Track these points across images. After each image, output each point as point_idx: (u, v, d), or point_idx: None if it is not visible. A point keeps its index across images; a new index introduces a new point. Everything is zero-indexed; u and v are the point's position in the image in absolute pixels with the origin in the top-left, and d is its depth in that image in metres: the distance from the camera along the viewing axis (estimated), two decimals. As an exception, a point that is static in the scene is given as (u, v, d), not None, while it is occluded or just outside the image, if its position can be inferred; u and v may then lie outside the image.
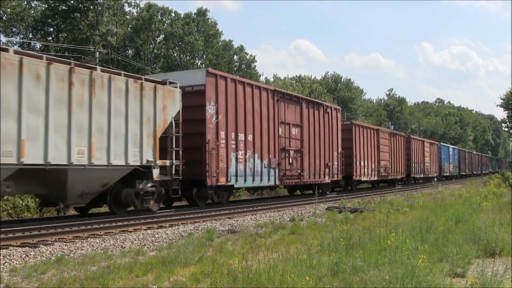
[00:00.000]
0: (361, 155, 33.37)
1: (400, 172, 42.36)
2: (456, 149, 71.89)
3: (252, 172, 21.24)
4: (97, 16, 41.32)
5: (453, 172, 66.56)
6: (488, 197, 21.15)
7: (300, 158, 25.22)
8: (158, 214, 16.61)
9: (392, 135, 40.94)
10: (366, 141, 34.36)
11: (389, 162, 38.95)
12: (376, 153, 36.34)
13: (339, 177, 29.65)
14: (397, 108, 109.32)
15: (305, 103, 26.31)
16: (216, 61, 50.74)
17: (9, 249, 10.44)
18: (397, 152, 41.52)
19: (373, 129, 36.81)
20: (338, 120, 30.03)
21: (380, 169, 36.76)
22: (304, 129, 25.84)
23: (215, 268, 7.81)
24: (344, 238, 9.57)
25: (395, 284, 6.38)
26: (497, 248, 9.26)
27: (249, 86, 21.67)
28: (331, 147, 28.70)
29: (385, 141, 38.57)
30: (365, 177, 34.18)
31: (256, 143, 21.57)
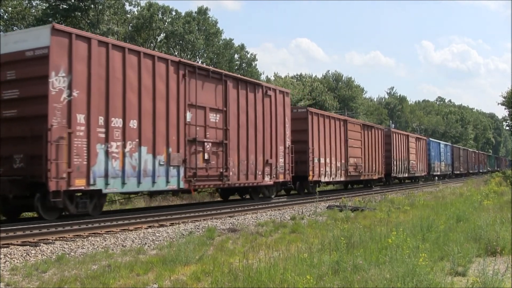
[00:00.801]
0: (321, 150, 27.47)
1: (378, 172, 36.36)
2: (448, 145, 66.33)
3: (137, 172, 15.49)
4: (98, 15, 41.28)
5: (445, 171, 61.22)
6: (489, 196, 21.14)
7: (224, 153, 19.38)
8: (158, 212, 16.60)
9: (366, 127, 34.69)
10: (328, 133, 28.48)
11: (361, 160, 33.02)
12: (344, 148, 30.49)
13: (286, 177, 23.74)
14: (398, 106, 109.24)
15: (233, 82, 20.31)
16: (217, 59, 50.68)
17: (9, 247, 10.44)
18: (373, 148, 35.54)
19: (339, 120, 30.51)
20: (286, 106, 23.99)
21: (348, 168, 30.98)
22: (231, 115, 19.96)
23: (216, 267, 7.81)
24: (345, 237, 9.56)
25: (396, 282, 6.38)
26: (498, 247, 9.27)
27: (133, 53, 15.71)
28: (274, 140, 22.81)
29: (356, 134, 32.49)
30: (326, 178, 28.31)
31: (145, 132, 15.83)
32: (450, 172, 63.67)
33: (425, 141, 52.12)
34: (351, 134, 31.63)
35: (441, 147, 59.20)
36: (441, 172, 58.10)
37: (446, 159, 61.44)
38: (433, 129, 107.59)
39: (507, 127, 60.58)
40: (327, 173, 28.42)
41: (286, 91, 24.82)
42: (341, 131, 30.35)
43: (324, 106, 62.52)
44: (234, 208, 18.91)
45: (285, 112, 24.00)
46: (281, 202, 22.19)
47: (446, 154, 61.98)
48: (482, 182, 43.97)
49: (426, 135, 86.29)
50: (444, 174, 60.55)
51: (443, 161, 59.49)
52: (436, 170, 55.63)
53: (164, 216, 15.88)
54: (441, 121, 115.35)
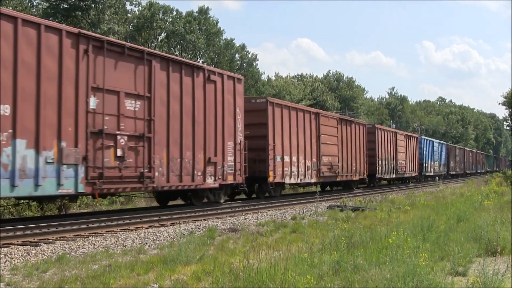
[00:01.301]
0: (286, 147, 23.81)
1: (359, 172, 32.51)
2: (443, 144, 62.07)
3: (9, 172, 11.87)
4: (99, 15, 41.30)
5: (439, 171, 56.79)
6: (489, 196, 21.14)
7: (146, 149, 15.67)
8: (159, 212, 16.59)
9: (343, 122, 30.80)
10: (295, 128, 24.81)
11: (338, 159, 29.20)
12: (316, 145, 26.83)
13: (237, 178, 20.04)
14: (398, 106, 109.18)
15: (161, 63, 16.56)
16: (217, 59, 50.69)
17: (10, 247, 10.45)
18: (353, 145, 31.63)
19: (309, 112, 26.63)
20: (237, 95, 20.26)
21: (321, 167, 27.15)
22: (158, 103, 16.25)
23: (217, 267, 7.81)
24: (345, 237, 9.57)
25: (397, 282, 6.38)
26: (498, 247, 9.27)
27: (7, 19, 12.11)
28: (220, 134, 19.13)
29: (331, 129, 28.76)
30: (292, 179, 24.41)
31: (23, 121, 12.26)
32: (445, 173, 60.28)
33: (416, 139, 48.20)
34: (325, 129, 27.73)
35: (435, 145, 55.35)
36: (434, 172, 54.40)
37: (440, 158, 57.73)
38: (433, 129, 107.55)
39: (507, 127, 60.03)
40: (294, 173, 24.46)
41: (237, 76, 20.81)
42: (312, 126, 26.40)
43: (325, 106, 62.54)
44: (235, 208, 18.92)
45: (236, 102, 20.10)
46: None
47: (441, 153, 58.35)
48: (482, 182, 43.94)
49: (427, 135, 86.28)
50: (438, 174, 56.43)
51: (436, 160, 55.60)
52: (428, 170, 51.90)
53: (165, 216, 15.89)
54: (442, 121, 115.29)
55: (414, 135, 48.38)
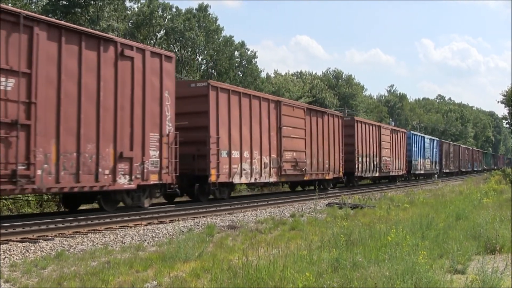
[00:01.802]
0: (234, 141, 20.09)
1: (333, 170, 28.81)
2: (436, 140, 57.94)
3: None
4: (98, 11, 41.24)
5: (431, 169, 52.90)
6: (488, 194, 21.15)
7: (22, 140, 12.12)
8: (158, 209, 16.58)
9: (313, 113, 26.77)
10: (248, 118, 21.06)
11: (305, 155, 25.45)
12: (276, 139, 22.96)
13: (165, 178, 16.42)
14: (397, 104, 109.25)
15: (49, 32, 12.93)
16: (217, 56, 50.67)
17: (9, 244, 10.44)
18: (327, 140, 27.88)
19: (267, 100, 22.72)
20: (165, 76, 16.44)
21: (283, 164, 23.39)
22: (40, 82, 12.64)
23: (216, 264, 7.81)
24: (344, 234, 9.57)
25: (396, 280, 6.38)
26: (498, 245, 9.27)
27: None
28: (139, 123, 15.46)
29: (297, 121, 24.82)
30: (244, 178, 20.68)
31: None
32: (437, 171, 56.18)
33: (404, 134, 43.93)
34: (288, 121, 24.00)
35: (426, 141, 51.22)
36: (425, 170, 50.61)
37: (432, 155, 53.79)
38: (433, 127, 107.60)
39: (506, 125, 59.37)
40: (246, 171, 20.69)
41: (166, 53, 16.95)
42: (271, 116, 22.64)
43: (324, 103, 62.53)
44: (234, 205, 18.92)
45: (163, 84, 16.39)
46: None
47: (433, 150, 54.35)
48: (481, 180, 43.96)
49: (426, 133, 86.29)
50: (430, 173, 53.06)
51: (428, 158, 51.49)
52: (418, 168, 47.90)
53: (164, 213, 15.88)
54: (441, 119, 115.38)
55: (401, 129, 44.26)
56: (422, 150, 49.10)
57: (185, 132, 18.01)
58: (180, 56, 48.45)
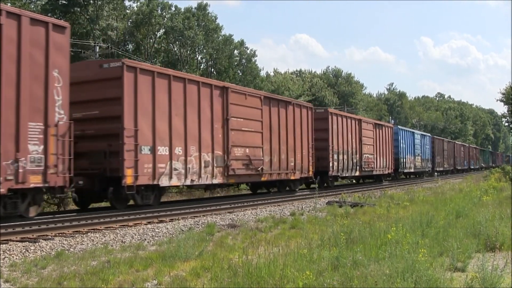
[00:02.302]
0: (162, 134, 16.69)
1: (301, 169, 25.20)
2: (427, 136, 53.92)
3: None
4: (97, 11, 41.23)
5: (421, 168, 49.25)
6: (488, 192, 21.15)
7: None
8: (158, 208, 16.58)
9: (273, 102, 23.28)
10: (181, 107, 17.61)
11: (261, 151, 21.96)
12: (222, 133, 19.57)
13: (53, 180, 13.11)
14: (397, 102, 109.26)
15: None
16: (216, 55, 50.66)
17: (9, 244, 10.44)
18: (292, 135, 24.36)
19: (209, 86, 19.17)
20: (54, 50, 13.29)
21: (230, 163, 19.85)
22: None
23: (216, 263, 7.81)
24: (344, 233, 9.56)
25: (396, 278, 6.37)
26: (497, 243, 9.28)
27: None
28: (11, 109, 12.28)
29: (250, 111, 21.37)
30: (176, 180, 17.29)
31: None
32: (429, 169, 53.17)
33: (391, 130, 39.89)
34: (239, 111, 20.55)
35: (416, 137, 47.36)
36: (415, 169, 46.77)
37: (423, 152, 50.02)
38: (432, 125, 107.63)
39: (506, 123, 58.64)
40: (178, 172, 17.25)
41: (54, 22, 13.75)
42: (214, 105, 19.20)
43: (324, 101, 62.54)
44: (234, 204, 18.92)
45: (50, 61, 13.12)
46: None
47: (424, 146, 50.55)
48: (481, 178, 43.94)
49: (426, 131, 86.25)
50: (421, 171, 49.80)
51: (418, 155, 47.79)
52: (407, 166, 43.90)
53: (164, 212, 15.88)
54: (441, 117, 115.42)
55: (387, 124, 40.45)
56: (411, 147, 45.41)
57: (96, 123, 15.85)
58: (179, 55, 48.44)
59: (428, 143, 52.34)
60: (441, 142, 60.11)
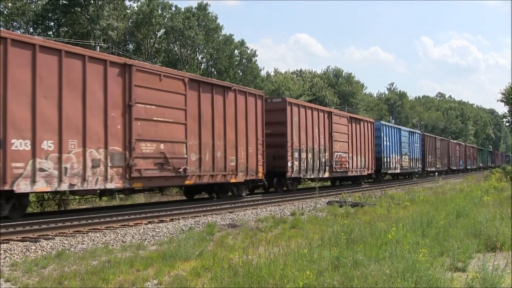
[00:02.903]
0: (12, 119, 12.29)
1: (247, 170, 20.84)
2: (417, 133, 48.52)
3: None
4: (98, 11, 41.22)
5: (410, 168, 44.34)
6: (489, 192, 21.15)
7: None
8: (158, 208, 16.58)
9: (204, 87, 18.77)
10: (45, 83, 13.20)
11: (185, 148, 17.60)
12: (121, 121, 15.24)
13: None
14: (398, 102, 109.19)
15: None
16: (217, 55, 50.66)
17: (9, 243, 10.45)
18: (231, 128, 20.02)
19: (100, 62, 14.82)
20: None
21: (134, 162, 15.42)
22: None
23: (216, 263, 7.82)
24: (345, 232, 9.56)
25: (396, 278, 6.38)
26: (498, 243, 9.28)
27: None
28: None
29: (163, 96, 16.83)
30: (50, 184, 13.07)
31: None
32: (419, 170, 48.64)
33: (371, 125, 35.05)
34: (148, 96, 16.19)
35: (403, 134, 42.46)
36: (402, 169, 42.03)
37: (412, 151, 45.25)
38: (433, 125, 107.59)
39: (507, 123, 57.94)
40: (48, 173, 13.01)
41: None
42: (109, 87, 14.85)
43: (324, 101, 62.52)
44: (234, 204, 18.92)
45: None
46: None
47: (413, 145, 45.70)
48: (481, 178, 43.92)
49: (427, 131, 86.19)
50: (409, 172, 45.27)
51: (406, 154, 42.98)
52: (392, 166, 39.11)
53: (164, 211, 15.89)
54: (441, 117, 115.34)
55: (367, 119, 35.79)
56: (397, 145, 40.57)
57: None
58: (180, 55, 48.45)
59: (417, 141, 47.89)
60: (433, 140, 55.20)
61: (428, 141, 52.50)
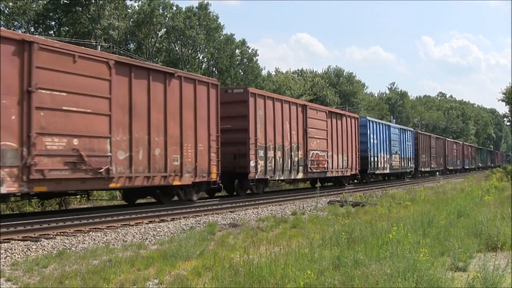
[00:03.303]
0: None
1: (195, 172, 17.92)
2: (409, 131, 45.16)
3: None
4: (99, 10, 41.23)
5: (400, 168, 41.13)
6: (490, 191, 21.13)
7: None
8: (160, 208, 16.59)
9: (137, 72, 15.87)
10: None
11: (106, 144, 14.63)
12: (16, 113, 12.11)
13: None
14: (399, 102, 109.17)
15: None
16: (218, 54, 50.65)
17: (10, 243, 10.46)
18: (178, 121, 17.27)
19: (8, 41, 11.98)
20: None
21: (35, 161, 12.30)
22: None
23: (217, 262, 7.82)
24: (345, 232, 9.57)
25: (397, 278, 6.38)
26: (499, 242, 9.28)
27: None
28: None
29: (89, 83, 14.17)
30: None
31: None
32: (412, 170, 45.41)
33: (355, 121, 32.08)
34: (57, 80, 13.33)
35: (393, 132, 39.20)
36: (392, 169, 38.80)
37: (404, 150, 42.04)
38: (434, 125, 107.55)
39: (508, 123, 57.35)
40: None
41: None
42: (2, 70, 11.99)
43: (326, 101, 62.53)
44: (235, 204, 18.92)
45: None
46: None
47: (404, 143, 42.35)
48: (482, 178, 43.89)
49: (428, 130, 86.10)
50: (400, 172, 42.04)
51: (396, 153, 39.82)
52: (380, 166, 35.87)
53: (165, 211, 15.89)
54: (442, 117, 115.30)
55: (350, 114, 32.44)
56: (386, 143, 37.28)
57: None
58: (181, 55, 48.45)
59: (410, 139, 44.23)
60: (427, 138, 51.52)
61: (422, 139, 49.13)
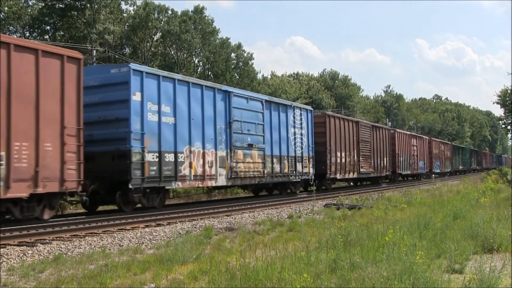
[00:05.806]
0: None
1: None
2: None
3: None
4: (94, 14, 41.23)
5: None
6: (486, 193, 21.17)
7: None
8: (156, 212, 16.55)
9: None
10: None
11: None
12: None
13: None
14: (394, 104, 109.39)
15: None
16: (213, 58, 50.70)
17: (6, 248, 10.42)
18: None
19: None
20: None
21: None
22: None
23: (213, 266, 7.80)
24: (342, 235, 9.57)
25: (393, 280, 6.38)
26: (495, 244, 9.28)
27: None
28: None
29: None
30: None
31: None
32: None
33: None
34: None
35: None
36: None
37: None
38: (430, 127, 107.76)
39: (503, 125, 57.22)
40: None
41: None
42: None
43: (321, 104, 62.60)
44: (232, 207, 18.91)
45: None
46: None
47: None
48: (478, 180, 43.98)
49: (423, 133, 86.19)
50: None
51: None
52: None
53: (161, 215, 15.86)
54: (438, 119, 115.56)
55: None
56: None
57: None
58: (176, 59, 48.47)
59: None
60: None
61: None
